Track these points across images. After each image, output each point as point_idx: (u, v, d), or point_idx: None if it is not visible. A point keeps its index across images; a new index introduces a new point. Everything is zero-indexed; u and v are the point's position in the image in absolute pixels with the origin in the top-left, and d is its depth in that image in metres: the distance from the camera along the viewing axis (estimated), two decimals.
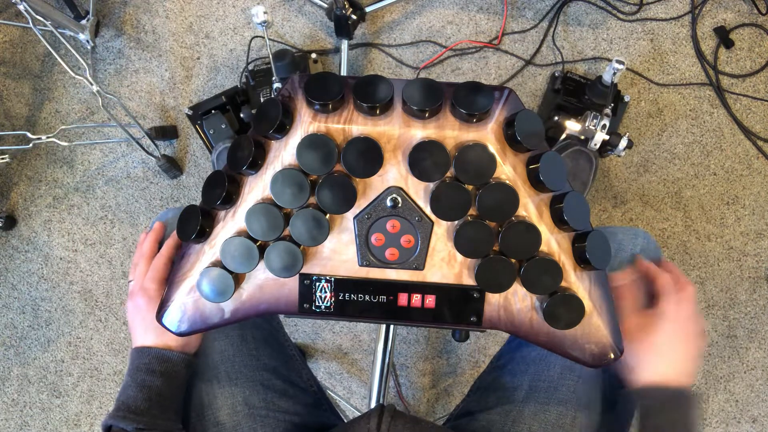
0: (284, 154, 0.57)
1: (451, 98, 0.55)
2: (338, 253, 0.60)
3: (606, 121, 1.12)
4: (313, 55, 1.35)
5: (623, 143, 1.13)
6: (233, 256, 0.58)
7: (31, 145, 1.24)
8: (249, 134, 0.59)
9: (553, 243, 0.58)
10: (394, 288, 0.61)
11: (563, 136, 1.18)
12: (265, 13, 1.07)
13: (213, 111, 1.27)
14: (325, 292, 0.61)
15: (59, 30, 1.23)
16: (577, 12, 1.35)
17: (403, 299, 0.61)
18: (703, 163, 1.35)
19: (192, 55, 1.39)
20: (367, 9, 1.28)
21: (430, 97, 0.54)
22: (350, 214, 0.59)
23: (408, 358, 1.41)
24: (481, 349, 1.41)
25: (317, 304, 0.62)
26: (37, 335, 1.45)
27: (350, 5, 1.22)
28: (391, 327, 0.95)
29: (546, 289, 0.58)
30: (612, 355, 0.61)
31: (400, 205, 0.58)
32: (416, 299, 0.61)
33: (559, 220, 0.57)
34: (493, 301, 0.60)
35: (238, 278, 0.60)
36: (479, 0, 1.36)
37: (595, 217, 1.36)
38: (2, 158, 1.30)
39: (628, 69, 1.34)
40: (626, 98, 1.30)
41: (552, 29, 1.35)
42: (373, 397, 0.97)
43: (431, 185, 0.56)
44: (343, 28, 1.24)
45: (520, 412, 0.72)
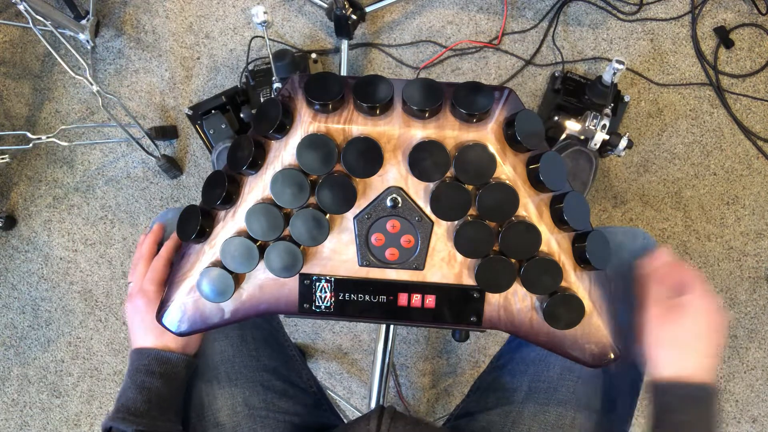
0: (284, 154, 0.57)
1: (451, 98, 0.55)
2: (338, 253, 0.60)
3: (606, 121, 1.12)
4: (313, 55, 1.35)
5: (623, 143, 1.13)
6: (233, 256, 0.58)
7: (31, 145, 1.24)
8: (249, 134, 0.59)
9: (553, 243, 0.58)
10: (394, 288, 0.61)
11: (563, 136, 1.18)
12: (265, 13, 1.07)
13: (213, 111, 1.27)
14: (325, 292, 0.61)
15: (59, 30, 1.22)
16: (577, 12, 1.35)
17: (403, 299, 0.61)
18: (703, 163, 1.35)
19: (192, 55, 1.39)
20: (367, 9, 1.28)
21: (430, 97, 0.54)
22: (350, 214, 0.59)
23: (408, 358, 1.41)
24: (481, 349, 1.41)
25: (317, 304, 0.62)
26: (37, 335, 1.45)
27: (350, 5, 1.22)
28: (391, 327, 0.95)
29: (546, 289, 0.58)
30: (612, 355, 0.61)
31: (400, 205, 0.58)
32: (416, 299, 0.61)
33: (559, 220, 0.57)
34: (493, 301, 0.60)
35: (238, 278, 0.60)
36: (479, 0, 1.35)
37: (595, 217, 1.36)
38: (2, 158, 1.30)
39: (628, 69, 1.34)
40: (626, 98, 1.30)
41: (552, 29, 1.35)
42: (373, 397, 0.97)
43: (431, 185, 0.56)
44: (343, 28, 1.24)
45: (519, 412, 0.72)
